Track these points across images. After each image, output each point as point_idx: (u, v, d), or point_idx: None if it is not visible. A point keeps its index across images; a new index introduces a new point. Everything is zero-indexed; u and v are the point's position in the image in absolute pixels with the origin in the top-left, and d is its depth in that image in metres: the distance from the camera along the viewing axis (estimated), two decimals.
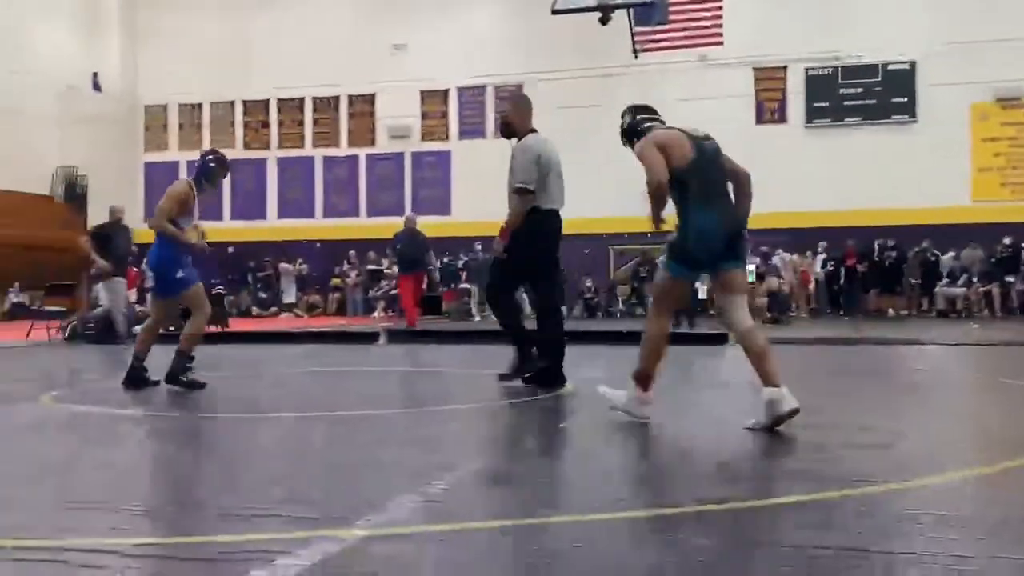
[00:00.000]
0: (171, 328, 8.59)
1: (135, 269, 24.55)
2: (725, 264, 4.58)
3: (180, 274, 6.63)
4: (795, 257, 22.90)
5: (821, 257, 22.52)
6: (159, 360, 6.68)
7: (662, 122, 5.08)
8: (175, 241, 6.61)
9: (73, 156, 26.11)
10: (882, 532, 2.69)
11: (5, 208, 23.41)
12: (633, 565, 2.39)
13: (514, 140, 6.83)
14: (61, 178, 26.17)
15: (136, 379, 6.61)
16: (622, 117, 5.31)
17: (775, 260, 22.27)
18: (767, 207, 25.22)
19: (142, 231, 28.56)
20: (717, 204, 4.61)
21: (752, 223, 5.05)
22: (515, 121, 6.90)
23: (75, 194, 26.21)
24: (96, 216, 25.95)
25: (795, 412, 4.40)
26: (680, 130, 4.83)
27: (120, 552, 2.53)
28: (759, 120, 24.56)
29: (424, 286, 18.84)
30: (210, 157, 7.03)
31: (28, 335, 13.51)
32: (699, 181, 4.61)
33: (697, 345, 11.46)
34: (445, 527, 2.78)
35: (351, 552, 2.52)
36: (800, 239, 23.19)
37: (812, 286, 22.76)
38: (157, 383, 6.58)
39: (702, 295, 21.65)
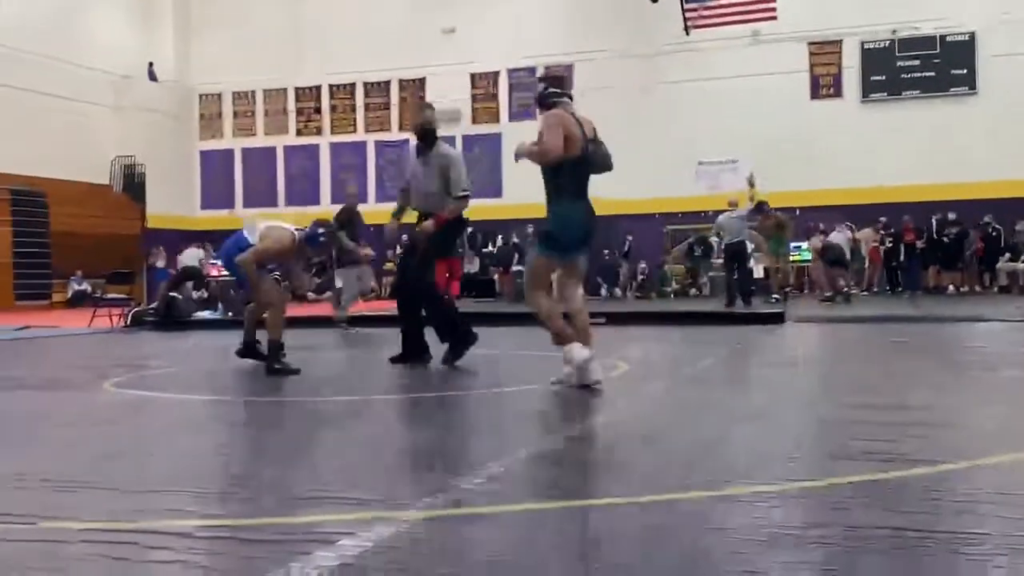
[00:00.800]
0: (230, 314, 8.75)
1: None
2: (577, 254, 5.44)
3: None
4: (867, 231, 22.43)
5: (879, 234, 22.12)
6: (222, 343, 6.80)
7: (570, 98, 5.71)
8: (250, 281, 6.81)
9: (130, 145, 26.55)
10: (946, 512, 2.66)
11: (67, 198, 23.90)
12: (693, 546, 2.39)
13: None
14: (119, 167, 26.64)
15: (257, 355, 7.03)
16: (539, 82, 6.16)
17: (835, 236, 21.88)
18: (823, 183, 25.03)
19: (197, 219, 28.95)
20: (584, 199, 5.43)
21: (807, 199, 5.09)
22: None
23: (133, 183, 26.67)
24: (153, 205, 26.43)
25: (598, 383, 5.19)
26: (578, 121, 5.48)
27: (186, 534, 2.59)
28: (814, 95, 24.18)
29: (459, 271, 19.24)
30: (321, 231, 7.08)
31: (91, 322, 13.80)
32: (575, 175, 5.39)
33: (755, 324, 11.37)
34: (503, 508, 2.80)
35: (412, 533, 2.55)
36: (857, 215, 22.82)
37: (877, 264, 22.31)
38: (298, 371, 6.67)
39: (758, 274, 21.46)
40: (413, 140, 7.57)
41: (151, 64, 27.87)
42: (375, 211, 27.22)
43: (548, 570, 2.19)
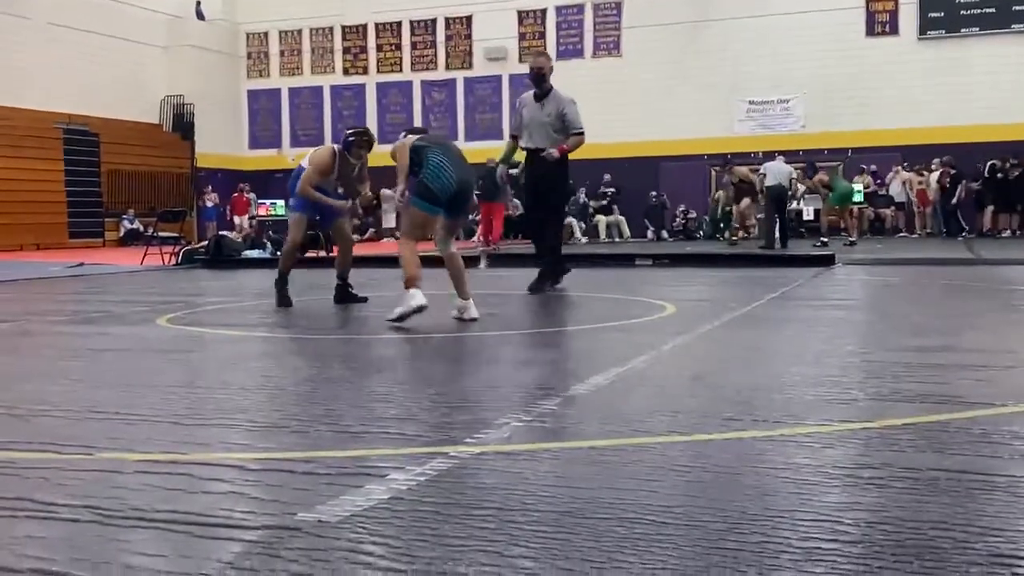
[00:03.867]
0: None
1: (245, 196, 25.13)
2: (444, 209, 6.00)
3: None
4: (911, 175, 22.03)
5: (935, 174, 21.61)
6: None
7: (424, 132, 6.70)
8: (319, 203, 7.23)
9: (179, 85, 26.67)
10: (1004, 455, 2.60)
11: (119, 137, 24.13)
12: (743, 483, 2.37)
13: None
14: (169, 107, 26.80)
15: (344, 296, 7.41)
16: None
17: (889, 177, 21.42)
18: (877, 124, 24.60)
19: (245, 158, 29.15)
20: (450, 156, 5.97)
21: (861, 140, 4.98)
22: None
23: (183, 123, 26.84)
24: (202, 144, 26.61)
25: (474, 319, 5.91)
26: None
27: (240, 467, 2.62)
28: (869, 32, 23.56)
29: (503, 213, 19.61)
30: (348, 131, 7.42)
31: (143, 260, 13.99)
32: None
33: (805, 267, 11.22)
34: (555, 445, 2.80)
35: (462, 467, 2.55)
36: (912, 156, 22.33)
37: (928, 207, 21.92)
38: (365, 299, 7.40)
39: (808, 216, 21.17)
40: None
41: (198, 3, 27.85)
42: None
43: (599, 506, 2.19)
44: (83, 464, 2.66)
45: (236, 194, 25.19)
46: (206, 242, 14.52)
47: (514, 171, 10.07)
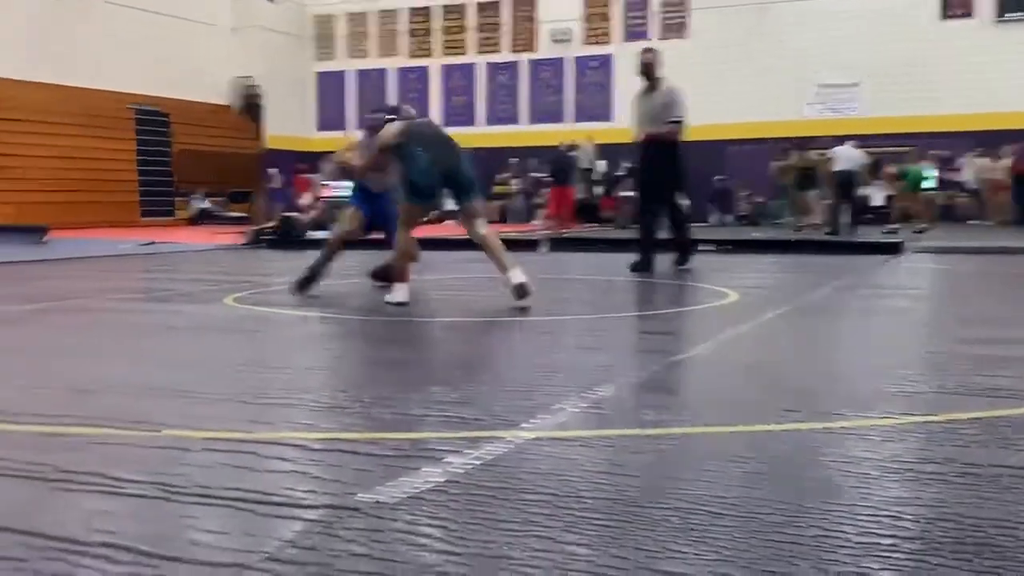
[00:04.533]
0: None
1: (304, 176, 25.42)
2: (436, 199, 6.41)
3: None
4: (986, 161, 21.45)
5: (1007, 160, 21.01)
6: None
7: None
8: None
9: (248, 67, 26.99)
10: None
11: (189, 117, 24.55)
12: (801, 476, 2.35)
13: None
14: (238, 88, 27.13)
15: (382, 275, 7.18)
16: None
17: (961, 163, 20.86)
18: (951, 108, 23.97)
19: (314, 139, 29.38)
20: (430, 147, 6.08)
21: (932, 124, 4.87)
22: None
23: (251, 103, 27.15)
24: (271, 125, 26.90)
25: (524, 288, 5.84)
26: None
27: (303, 446, 2.67)
28: (945, 15, 22.94)
29: (573, 198, 19.90)
30: (368, 116, 7.63)
31: (212, 239, 14.25)
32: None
33: (872, 254, 11.03)
34: (610, 432, 2.80)
35: (518, 452, 2.57)
36: (986, 142, 21.76)
37: (1001, 194, 21.34)
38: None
39: (879, 202, 20.74)
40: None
41: None
42: (486, 133, 27.27)
43: (654, 494, 2.19)
44: (151, 441, 2.73)
45: (296, 175, 25.53)
46: (273, 222, 14.71)
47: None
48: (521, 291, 5.83)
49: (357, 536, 1.94)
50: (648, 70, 8.91)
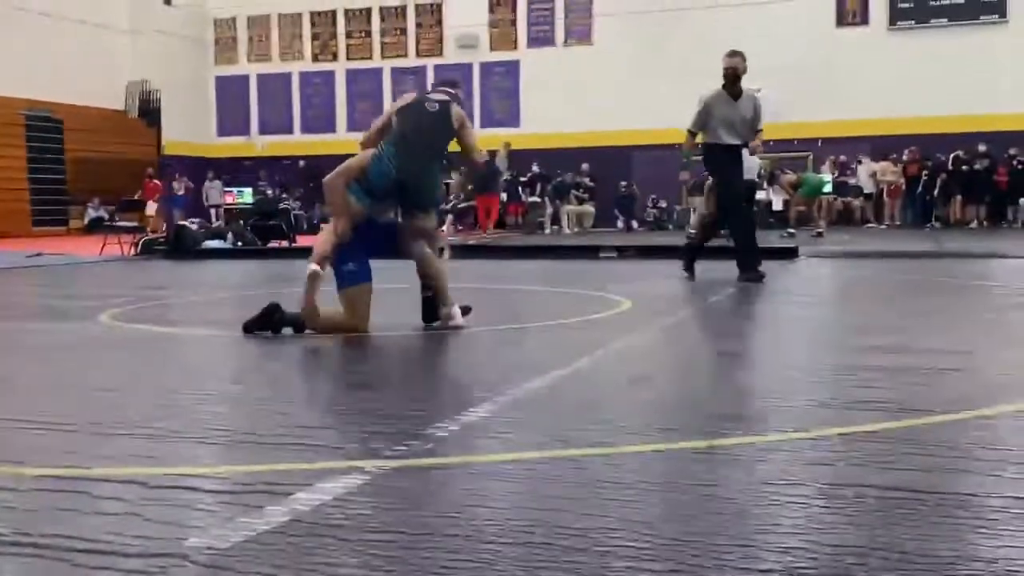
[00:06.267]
0: None
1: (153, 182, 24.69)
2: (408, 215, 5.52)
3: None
4: (881, 165, 22.05)
5: (902, 165, 21.68)
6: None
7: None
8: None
9: (145, 71, 26.27)
10: (934, 469, 2.52)
11: (83, 123, 23.73)
12: (664, 501, 2.27)
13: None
14: (135, 92, 26.39)
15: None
16: None
17: (859, 169, 21.36)
18: (847, 114, 24.58)
19: (214, 145, 28.64)
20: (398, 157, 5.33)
21: (831, 130, 4.90)
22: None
23: (148, 108, 26.44)
24: (169, 131, 26.25)
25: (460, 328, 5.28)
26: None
27: (142, 483, 2.48)
28: (840, 23, 23.54)
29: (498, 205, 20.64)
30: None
31: (102, 250, 13.76)
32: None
33: (769, 259, 11.15)
34: (477, 459, 2.69)
35: (371, 484, 2.44)
36: (882, 146, 22.38)
37: (898, 198, 21.99)
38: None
39: (778, 206, 21.15)
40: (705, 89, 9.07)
41: None
42: None
43: (508, 529, 2.08)
44: None
45: (146, 180, 23.10)
46: (165, 232, 14.29)
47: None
48: (455, 327, 5.31)
49: None
50: (734, 75, 8.56)
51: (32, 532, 2.10)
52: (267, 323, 5.23)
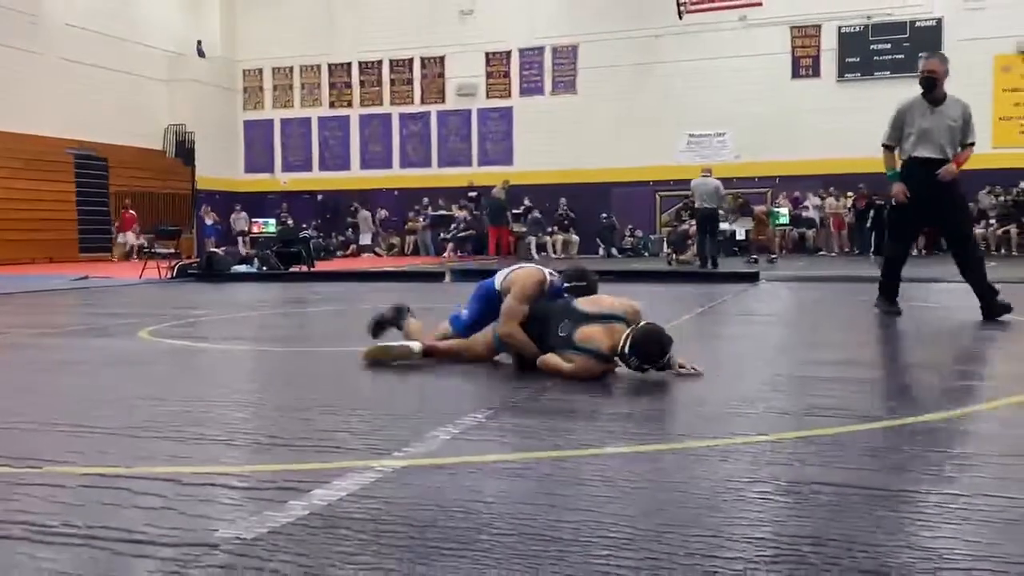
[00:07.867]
0: None
1: (129, 213, 24.68)
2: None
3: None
4: (828, 200, 22.20)
5: (847, 200, 21.83)
6: None
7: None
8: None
9: (181, 115, 26.37)
10: (880, 468, 2.52)
11: (125, 161, 23.80)
12: (630, 498, 2.27)
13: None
14: (172, 135, 26.45)
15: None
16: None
17: (807, 202, 21.44)
18: (800, 155, 24.71)
19: (241, 180, 28.71)
20: None
21: (787, 169, 4.87)
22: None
23: (184, 149, 26.52)
24: (202, 168, 26.26)
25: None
26: None
27: (176, 480, 2.47)
28: (795, 75, 23.78)
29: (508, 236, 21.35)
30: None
31: (141, 274, 13.73)
32: None
33: (733, 283, 11.18)
34: (475, 459, 2.68)
35: (384, 482, 2.43)
36: (833, 184, 22.57)
37: (844, 229, 22.12)
38: None
39: (740, 236, 21.20)
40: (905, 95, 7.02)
41: (199, 42, 27.59)
42: (401, 176, 27.06)
43: (507, 521, 2.07)
44: (29, 478, 2.51)
45: (123, 211, 23.01)
46: (198, 258, 14.25)
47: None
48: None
49: (208, 574, 1.78)
50: (932, 81, 6.67)
51: (80, 524, 2.09)
52: (396, 317, 4.94)
